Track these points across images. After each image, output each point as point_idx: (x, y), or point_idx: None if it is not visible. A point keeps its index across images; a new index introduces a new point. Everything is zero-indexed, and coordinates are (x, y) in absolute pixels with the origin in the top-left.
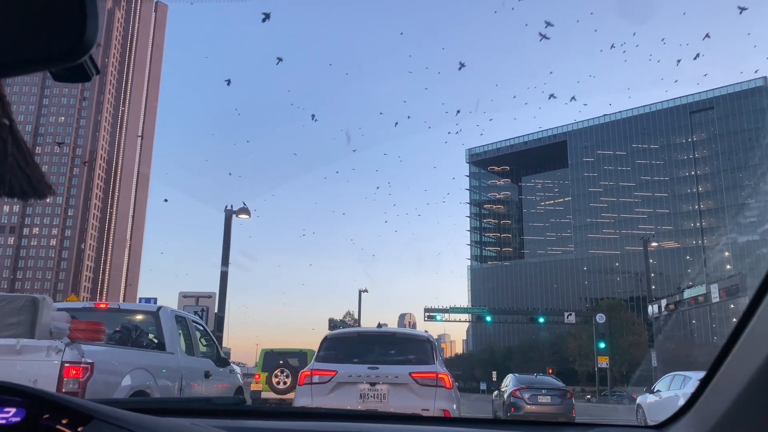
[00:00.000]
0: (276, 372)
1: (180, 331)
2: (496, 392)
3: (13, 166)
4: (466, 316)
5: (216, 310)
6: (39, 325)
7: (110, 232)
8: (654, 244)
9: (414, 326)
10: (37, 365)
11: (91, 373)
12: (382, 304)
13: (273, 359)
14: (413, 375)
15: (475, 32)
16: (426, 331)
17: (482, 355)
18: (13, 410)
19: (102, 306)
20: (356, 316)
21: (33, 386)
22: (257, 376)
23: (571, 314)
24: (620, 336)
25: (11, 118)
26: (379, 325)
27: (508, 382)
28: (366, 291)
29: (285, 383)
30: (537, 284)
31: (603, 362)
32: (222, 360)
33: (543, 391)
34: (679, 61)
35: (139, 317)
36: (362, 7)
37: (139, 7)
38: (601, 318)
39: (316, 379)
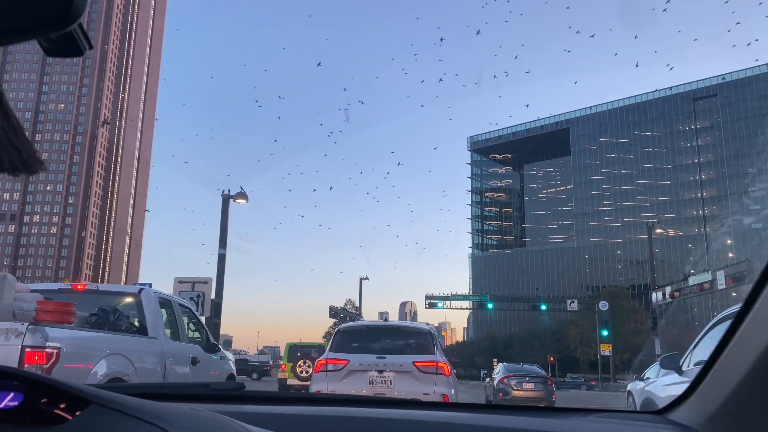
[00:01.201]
0: (299, 362)
1: (165, 315)
2: (488, 379)
3: (3, 140)
4: (467, 304)
5: (213, 296)
6: None
7: (111, 219)
8: (658, 230)
9: (415, 314)
10: None
11: (57, 359)
12: (383, 292)
13: (296, 351)
14: (416, 364)
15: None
16: (428, 324)
17: (483, 343)
18: (11, 394)
19: (79, 287)
20: (357, 304)
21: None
22: (283, 366)
23: (573, 301)
24: (622, 324)
25: (0, 91)
26: (385, 318)
27: (498, 370)
28: (367, 279)
29: (307, 372)
30: (538, 272)
31: (606, 350)
32: (211, 346)
33: (527, 379)
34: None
35: (120, 299)
36: None
37: None
38: (603, 305)
39: (330, 367)
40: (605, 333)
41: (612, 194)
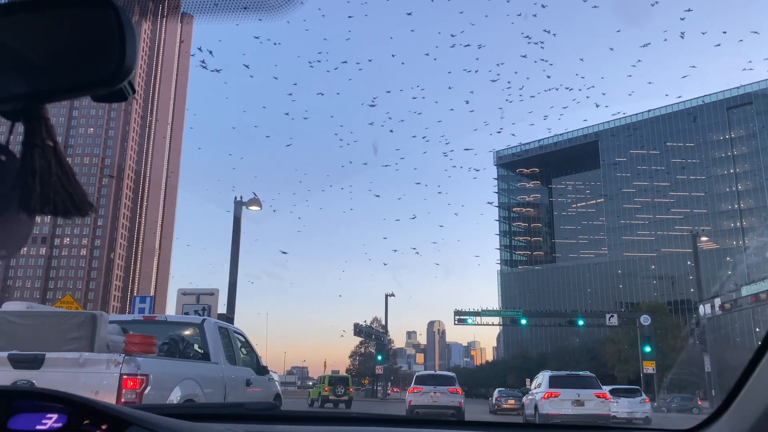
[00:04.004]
0: (337, 386)
1: (222, 342)
2: (490, 398)
3: (57, 186)
4: (498, 320)
5: (225, 310)
6: (98, 340)
7: (139, 241)
8: (704, 238)
9: (443, 333)
10: (98, 377)
11: (147, 384)
12: (410, 309)
13: (335, 379)
14: (449, 389)
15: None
16: (453, 373)
17: (515, 362)
18: (54, 416)
19: (150, 318)
20: (383, 322)
21: (93, 397)
22: (326, 388)
23: (612, 316)
24: (662, 340)
25: (55, 140)
26: (436, 370)
27: (495, 393)
28: (393, 295)
29: (341, 391)
30: (570, 289)
31: (649, 367)
32: (261, 368)
33: (510, 396)
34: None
35: (185, 329)
36: (392, 14)
37: (165, 18)
38: (645, 320)
39: (415, 390)
40: (648, 349)
41: (644, 207)
